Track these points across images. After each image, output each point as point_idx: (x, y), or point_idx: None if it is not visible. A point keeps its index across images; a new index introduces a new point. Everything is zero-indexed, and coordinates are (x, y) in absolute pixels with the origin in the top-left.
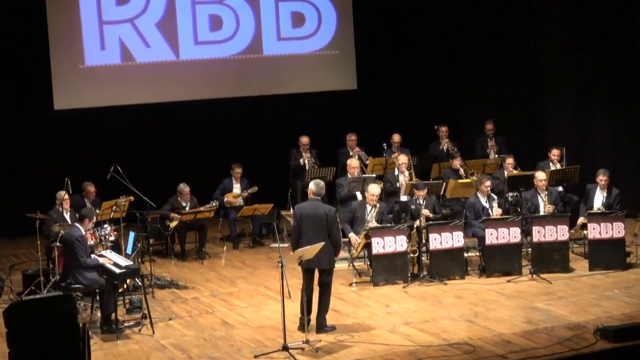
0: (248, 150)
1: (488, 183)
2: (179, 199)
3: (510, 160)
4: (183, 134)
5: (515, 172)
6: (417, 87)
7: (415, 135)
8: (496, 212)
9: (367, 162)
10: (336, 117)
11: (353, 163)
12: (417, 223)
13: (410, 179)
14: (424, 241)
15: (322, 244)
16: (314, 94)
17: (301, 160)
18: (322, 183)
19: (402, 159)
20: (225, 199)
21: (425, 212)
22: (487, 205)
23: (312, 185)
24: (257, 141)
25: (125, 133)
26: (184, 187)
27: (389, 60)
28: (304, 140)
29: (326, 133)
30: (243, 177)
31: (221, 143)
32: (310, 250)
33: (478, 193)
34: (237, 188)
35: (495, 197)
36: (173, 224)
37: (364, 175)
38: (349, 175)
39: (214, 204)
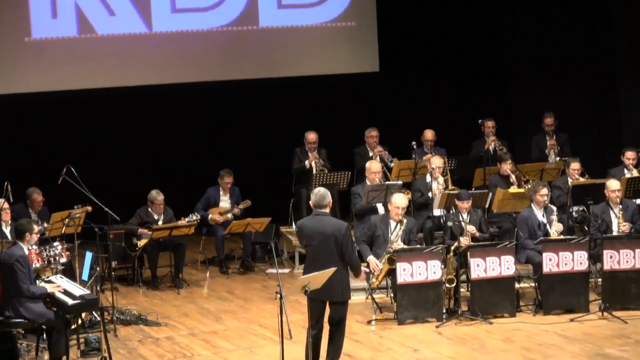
0: (239, 150)
1: (544, 191)
2: (149, 210)
3: (575, 166)
4: (156, 128)
5: (581, 180)
6: (456, 71)
7: (453, 132)
8: (556, 229)
9: (392, 165)
10: (352, 107)
11: (373, 166)
12: (455, 244)
13: (446, 187)
14: (463, 268)
15: (332, 270)
16: (324, 77)
17: (307, 163)
18: (323, 191)
19: (436, 161)
20: (210, 215)
21: (471, 229)
22: (544, 221)
23: (312, 196)
24: (251, 138)
25: (81, 126)
26: (157, 195)
27: (420, 36)
28: (311, 137)
29: (339, 128)
30: (234, 187)
31: (205, 140)
32: (318, 278)
33: (533, 205)
34: (225, 201)
35: (555, 208)
36: (142, 243)
37: (387, 183)
38: (368, 182)
39: (194, 218)
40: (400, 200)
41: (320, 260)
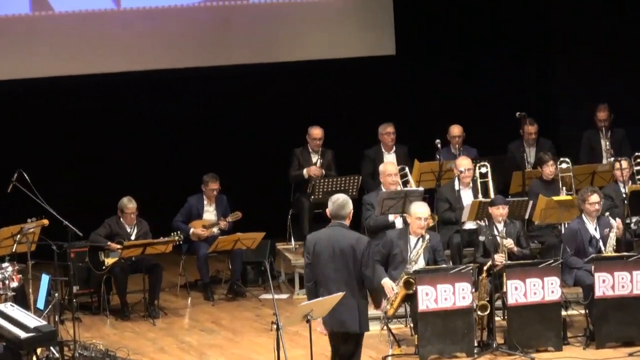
0: (227, 151)
1: (594, 198)
2: (120, 221)
3: (623, 165)
4: (127, 124)
5: (635, 186)
6: (488, 56)
7: (486, 128)
8: (611, 245)
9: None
10: (363, 99)
11: (389, 168)
12: (489, 263)
13: (477, 195)
14: (498, 292)
15: (340, 294)
16: (329, 63)
17: (305, 173)
18: (343, 198)
19: (465, 163)
20: (191, 230)
21: (509, 242)
22: (596, 235)
23: (329, 204)
24: (241, 137)
25: (35, 123)
26: (128, 203)
27: (445, 13)
28: (316, 132)
29: (348, 124)
30: (221, 196)
31: (186, 139)
32: (323, 304)
33: (583, 216)
34: (210, 212)
35: (611, 219)
36: (111, 260)
37: (405, 189)
38: (383, 189)
39: (176, 237)
40: (421, 210)
41: (332, 281)
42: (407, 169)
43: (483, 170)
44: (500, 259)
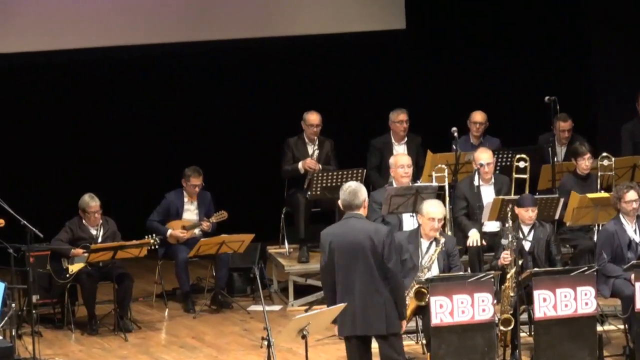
0: (211, 141)
1: (631, 195)
2: (83, 222)
3: None
4: (95, 110)
5: None
6: (515, 33)
7: (510, 115)
8: None
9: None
10: (370, 79)
11: (401, 159)
12: (513, 270)
13: (500, 191)
14: (524, 303)
15: (341, 305)
16: (329, 38)
17: (300, 167)
18: (355, 186)
19: (486, 156)
20: (169, 231)
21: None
22: (636, 238)
23: (340, 194)
24: (227, 124)
25: None
26: (90, 201)
27: None
28: (312, 118)
29: (352, 109)
30: (204, 192)
31: (164, 127)
32: (321, 317)
33: (621, 216)
34: (191, 211)
35: None
36: (75, 267)
37: (417, 184)
38: (394, 184)
39: (151, 240)
40: (434, 209)
41: (352, 280)
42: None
43: (521, 164)
44: (505, 257)
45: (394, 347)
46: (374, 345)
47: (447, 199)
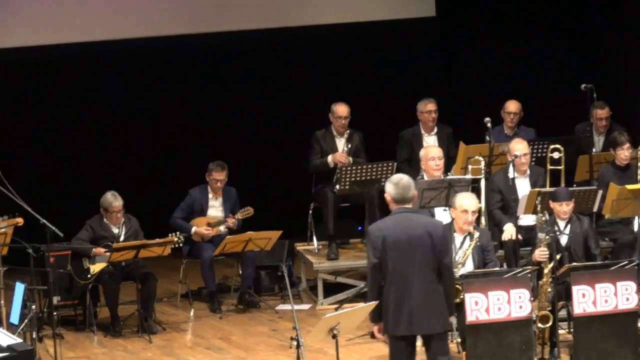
0: (235, 136)
1: None
2: (104, 221)
3: None
4: (113, 104)
5: None
6: (549, 17)
7: (546, 104)
8: None
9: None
10: (399, 69)
11: (432, 151)
12: (550, 265)
13: (536, 184)
14: (562, 300)
15: (373, 304)
16: (356, 27)
17: (330, 160)
18: (406, 180)
19: (521, 147)
20: (194, 228)
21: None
22: None
23: (388, 187)
24: (251, 118)
25: (6, 102)
26: (113, 200)
27: None
28: (341, 110)
29: (381, 100)
30: (229, 188)
31: (187, 121)
32: (353, 316)
33: None
34: (216, 208)
35: None
36: (96, 268)
37: (449, 177)
38: (425, 176)
39: (175, 238)
40: (468, 201)
41: (408, 277)
42: None
43: (555, 155)
44: (541, 254)
45: (445, 345)
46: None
47: (483, 192)
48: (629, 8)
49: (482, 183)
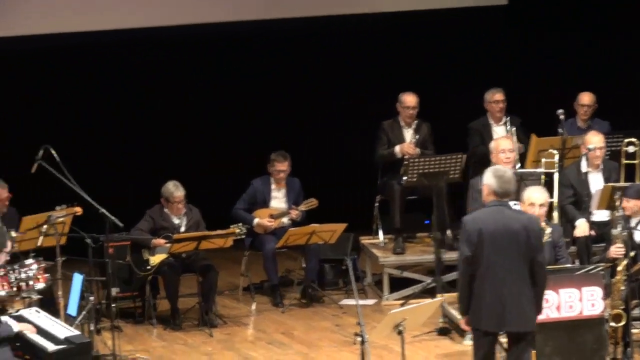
0: (302, 124)
1: None
2: (165, 211)
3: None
4: (174, 92)
5: None
6: (622, 4)
7: (621, 96)
8: None
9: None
10: (468, 58)
11: (502, 144)
12: (624, 262)
13: (609, 179)
14: (637, 297)
15: (439, 299)
16: (429, 14)
17: (397, 150)
18: (510, 173)
19: (596, 139)
20: (256, 220)
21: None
22: None
23: (490, 179)
24: (316, 105)
25: (62, 89)
26: (175, 190)
27: None
28: (409, 100)
29: (449, 90)
30: (292, 179)
31: (248, 109)
32: (419, 312)
33: None
34: (278, 199)
35: None
36: (157, 259)
37: (520, 171)
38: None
39: (237, 229)
40: (536, 195)
41: (502, 273)
42: None
43: (630, 149)
44: (618, 250)
45: (532, 345)
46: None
47: (555, 186)
48: None
49: (555, 177)
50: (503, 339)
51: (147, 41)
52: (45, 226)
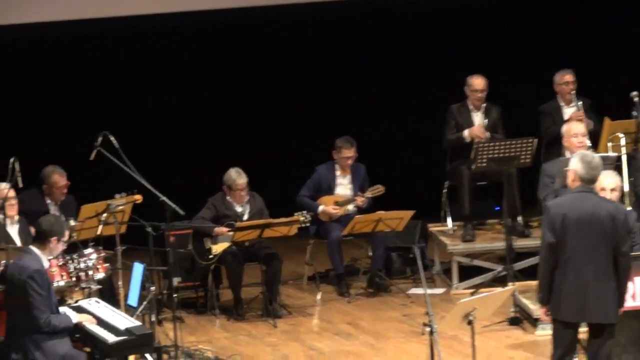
0: (366, 108)
1: None
2: (228, 199)
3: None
4: (236, 75)
5: None
6: None
7: None
8: None
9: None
10: (538, 39)
11: (575, 128)
12: None
13: None
14: None
15: (509, 289)
16: None
17: (466, 134)
18: (597, 159)
19: None
20: (321, 207)
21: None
22: None
23: (577, 164)
24: (380, 89)
25: (123, 75)
26: (237, 177)
27: None
28: (477, 82)
29: (520, 71)
30: (358, 165)
31: (316, 94)
32: (490, 301)
33: None
34: (343, 186)
35: None
36: (219, 248)
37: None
38: (567, 154)
39: (301, 217)
40: (608, 180)
41: (585, 261)
42: None
43: None
44: None
45: (612, 337)
46: None
47: (625, 170)
48: None
49: (624, 160)
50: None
51: (209, 25)
52: (104, 214)
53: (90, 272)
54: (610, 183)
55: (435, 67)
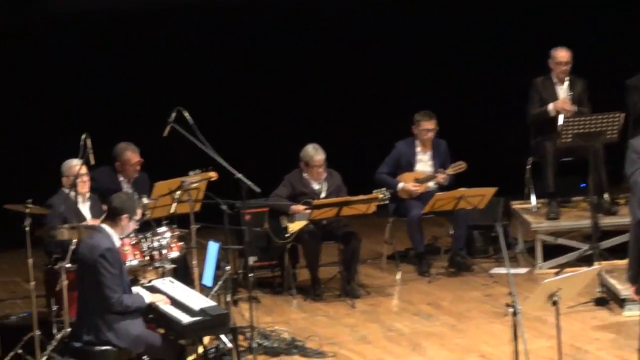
0: (446, 82)
1: None
2: (305, 176)
3: None
4: (308, 48)
5: None
6: None
7: None
8: None
9: None
10: (623, 11)
11: None
12: None
13: None
14: None
15: (596, 268)
16: None
17: (551, 108)
18: None
19: None
20: (401, 184)
21: None
22: None
23: None
24: (463, 62)
25: (197, 49)
26: (315, 154)
27: None
28: (561, 55)
29: (606, 44)
30: (438, 141)
31: (393, 67)
32: (574, 281)
33: None
34: (424, 162)
35: None
36: (296, 226)
37: None
38: None
39: (380, 194)
40: None
41: None
42: None
43: None
44: None
45: None
46: None
47: None
48: None
49: None
50: None
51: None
52: (178, 192)
53: (164, 251)
54: None
55: (520, 39)
